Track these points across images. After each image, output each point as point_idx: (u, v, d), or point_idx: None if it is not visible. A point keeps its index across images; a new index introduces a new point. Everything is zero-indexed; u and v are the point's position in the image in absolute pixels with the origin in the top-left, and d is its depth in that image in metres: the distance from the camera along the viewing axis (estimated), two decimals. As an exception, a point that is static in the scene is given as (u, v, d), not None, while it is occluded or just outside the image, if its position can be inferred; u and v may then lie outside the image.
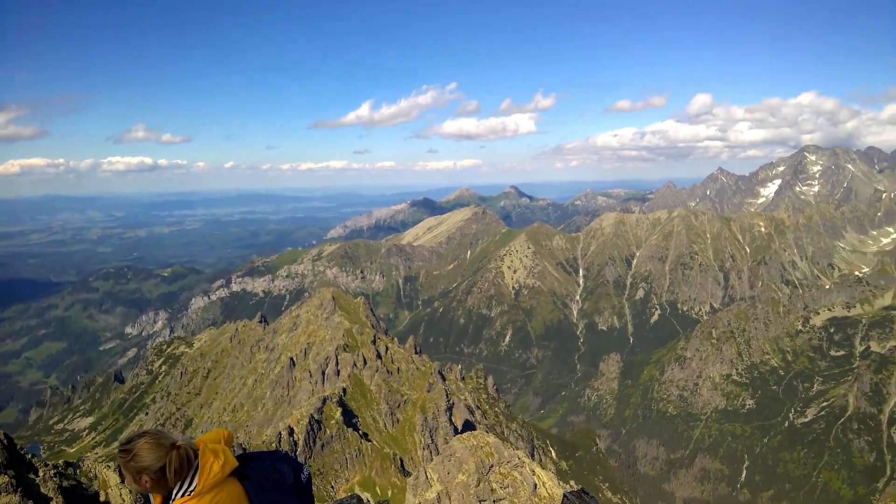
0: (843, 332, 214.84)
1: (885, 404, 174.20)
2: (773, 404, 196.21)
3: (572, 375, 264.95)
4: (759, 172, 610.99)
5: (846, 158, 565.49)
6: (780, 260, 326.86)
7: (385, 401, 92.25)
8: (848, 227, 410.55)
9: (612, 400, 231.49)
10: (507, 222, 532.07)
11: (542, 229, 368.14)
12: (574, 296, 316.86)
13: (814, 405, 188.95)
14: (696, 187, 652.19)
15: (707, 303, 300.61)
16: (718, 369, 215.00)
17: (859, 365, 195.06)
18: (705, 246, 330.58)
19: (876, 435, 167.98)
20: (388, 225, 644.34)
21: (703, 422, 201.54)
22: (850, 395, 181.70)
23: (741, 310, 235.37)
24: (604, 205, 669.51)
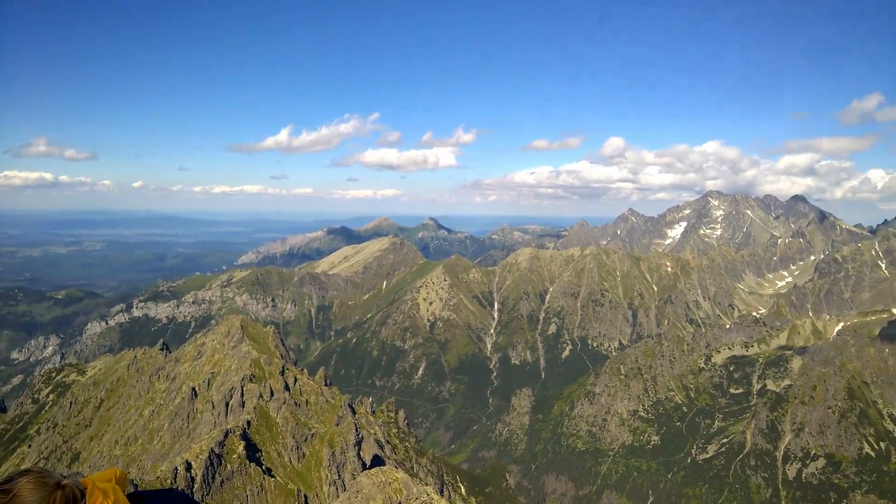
0: (742, 371, 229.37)
1: (780, 441, 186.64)
2: (677, 440, 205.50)
3: (485, 410, 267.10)
4: (667, 215, 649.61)
5: (746, 205, 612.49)
6: (685, 299, 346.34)
7: (291, 434, 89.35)
8: (747, 270, 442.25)
9: (523, 435, 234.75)
10: (426, 254, 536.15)
11: (459, 262, 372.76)
12: (489, 329, 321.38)
13: (715, 441, 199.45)
14: (608, 226, 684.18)
15: (616, 339, 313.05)
16: (626, 405, 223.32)
17: (756, 403, 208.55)
18: (615, 283, 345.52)
19: (772, 471, 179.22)
20: (303, 252, 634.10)
21: (610, 457, 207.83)
22: (747, 432, 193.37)
23: (648, 347, 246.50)
24: (520, 240, 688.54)
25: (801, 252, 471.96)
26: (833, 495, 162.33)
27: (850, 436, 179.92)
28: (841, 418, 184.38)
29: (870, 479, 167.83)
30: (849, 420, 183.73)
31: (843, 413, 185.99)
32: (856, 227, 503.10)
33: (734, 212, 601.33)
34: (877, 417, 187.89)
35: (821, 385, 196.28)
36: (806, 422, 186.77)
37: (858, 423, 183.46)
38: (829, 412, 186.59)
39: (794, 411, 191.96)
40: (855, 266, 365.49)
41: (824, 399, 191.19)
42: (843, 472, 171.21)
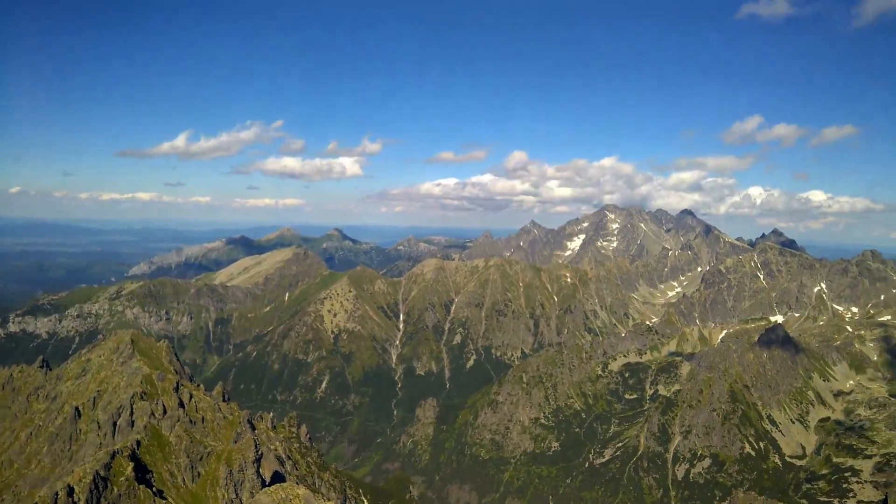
0: (636, 377, 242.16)
1: (671, 443, 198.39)
2: (576, 446, 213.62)
3: (389, 422, 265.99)
4: (567, 227, 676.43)
5: (640, 218, 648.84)
6: (584, 309, 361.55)
7: (186, 453, 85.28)
8: (641, 280, 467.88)
9: (427, 446, 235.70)
10: (330, 265, 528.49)
11: (364, 273, 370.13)
12: (394, 340, 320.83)
13: (611, 446, 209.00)
14: (511, 238, 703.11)
15: (519, 348, 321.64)
16: (528, 413, 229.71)
17: (649, 407, 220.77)
18: (518, 294, 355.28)
19: (663, 472, 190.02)
20: (199, 263, 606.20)
21: (513, 465, 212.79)
22: (641, 436, 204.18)
23: (549, 355, 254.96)
24: (426, 251, 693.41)
25: (689, 263, 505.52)
26: (718, 493, 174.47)
27: (732, 436, 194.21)
28: (724, 420, 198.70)
29: (750, 476, 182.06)
30: (731, 422, 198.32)
31: (726, 415, 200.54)
32: (737, 241, 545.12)
33: (629, 225, 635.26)
34: (756, 418, 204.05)
35: (706, 389, 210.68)
36: (693, 424, 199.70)
37: (740, 424, 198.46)
38: (714, 414, 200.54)
39: (682, 414, 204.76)
40: (736, 277, 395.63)
41: (710, 402, 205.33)
42: (726, 470, 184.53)
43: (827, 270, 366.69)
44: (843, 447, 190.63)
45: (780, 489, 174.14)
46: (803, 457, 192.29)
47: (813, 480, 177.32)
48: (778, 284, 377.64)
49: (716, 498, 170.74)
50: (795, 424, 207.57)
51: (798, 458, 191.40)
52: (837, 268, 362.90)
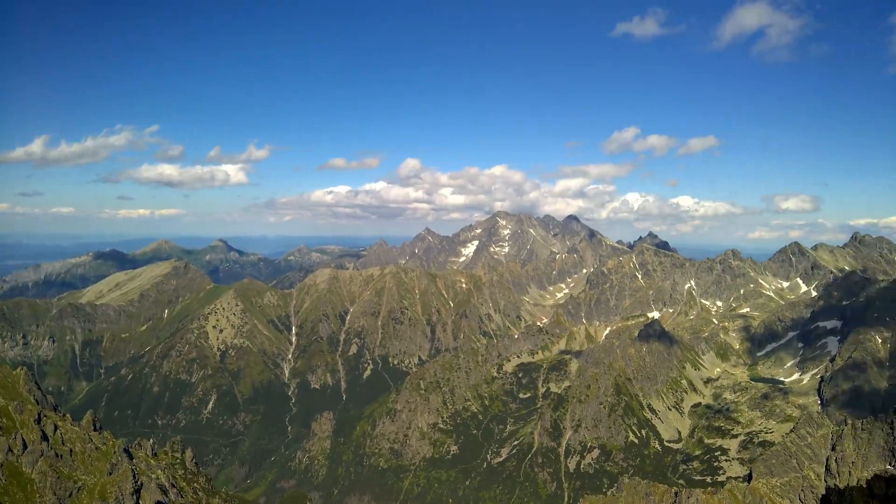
0: (529, 376, 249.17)
1: (563, 438, 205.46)
2: (474, 448, 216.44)
3: (283, 439, 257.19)
4: (461, 234, 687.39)
5: (529, 224, 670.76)
6: (479, 313, 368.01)
7: (52, 490, 77.89)
8: (531, 284, 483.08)
9: (324, 460, 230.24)
10: (214, 278, 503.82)
11: (252, 285, 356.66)
12: (286, 354, 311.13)
13: (507, 445, 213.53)
14: (405, 245, 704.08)
15: (416, 355, 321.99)
16: (426, 419, 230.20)
17: (542, 405, 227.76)
18: (414, 301, 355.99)
19: (556, 466, 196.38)
20: (63, 280, 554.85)
21: (412, 472, 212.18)
22: (535, 433, 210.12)
23: (446, 360, 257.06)
24: (318, 261, 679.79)
25: (575, 266, 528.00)
26: (606, 481, 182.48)
27: (618, 427, 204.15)
28: (610, 412, 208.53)
29: (634, 463, 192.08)
30: (616, 413, 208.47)
31: (612, 407, 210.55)
32: (617, 244, 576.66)
33: (519, 230, 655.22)
34: (638, 408, 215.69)
35: (594, 384, 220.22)
36: (583, 418, 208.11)
37: (624, 414, 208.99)
38: (601, 407, 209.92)
39: (573, 409, 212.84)
40: (618, 277, 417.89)
41: (597, 396, 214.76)
42: (613, 459, 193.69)
43: (695, 269, 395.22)
44: (713, 429, 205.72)
45: (661, 472, 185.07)
46: (679, 440, 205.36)
47: (688, 461, 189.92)
48: (654, 283, 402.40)
49: (604, 486, 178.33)
50: (672, 411, 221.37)
51: (675, 443, 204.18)
52: (704, 266, 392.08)
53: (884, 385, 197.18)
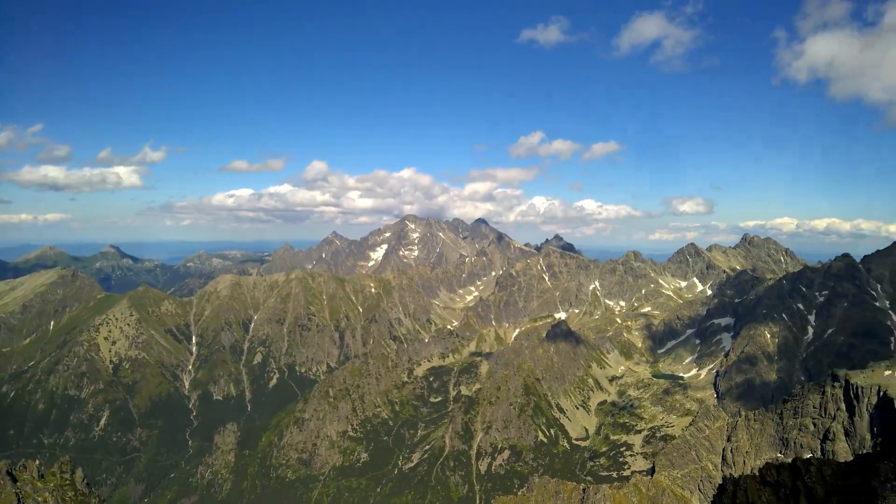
0: (440, 380, 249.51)
1: (473, 440, 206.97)
2: (385, 454, 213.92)
3: (183, 454, 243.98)
4: (369, 237, 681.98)
5: (438, 228, 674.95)
6: (388, 317, 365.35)
7: None
8: (441, 287, 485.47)
9: (228, 474, 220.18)
10: (106, 286, 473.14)
11: (148, 294, 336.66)
12: (186, 366, 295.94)
13: (419, 450, 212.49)
14: (312, 250, 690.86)
15: (324, 362, 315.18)
16: (336, 427, 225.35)
17: (453, 408, 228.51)
18: (322, 307, 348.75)
19: (467, 469, 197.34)
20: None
21: (321, 482, 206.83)
22: (446, 436, 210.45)
23: (355, 367, 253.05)
24: (220, 267, 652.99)
25: (484, 269, 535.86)
26: (517, 481, 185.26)
27: (527, 427, 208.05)
28: (520, 412, 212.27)
29: (544, 462, 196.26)
30: (526, 413, 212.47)
31: (521, 408, 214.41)
32: (525, 246, 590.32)
33: (429, 234, 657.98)
34: (547, 408, 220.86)
35: (504, 385, 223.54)
36: (493, 419, 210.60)
37: (534, 414, 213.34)
38: (511, 408, 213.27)
39: (483, 411, 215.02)
40: (526, 279, 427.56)
41: (507, 397, 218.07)
42: (523, 459, 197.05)
43: (599, 270, 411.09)
44: (619, 426, 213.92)
45: (570, 470, 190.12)
46: (587, 438, 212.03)
47: (595, 458, 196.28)
48: (560, 284, 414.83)
49: (515, 486, 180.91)
50: (579, 410, 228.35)
51: (583, 440, 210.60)
52: (607, 268, 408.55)
53: (773, 377, 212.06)
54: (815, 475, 26.02)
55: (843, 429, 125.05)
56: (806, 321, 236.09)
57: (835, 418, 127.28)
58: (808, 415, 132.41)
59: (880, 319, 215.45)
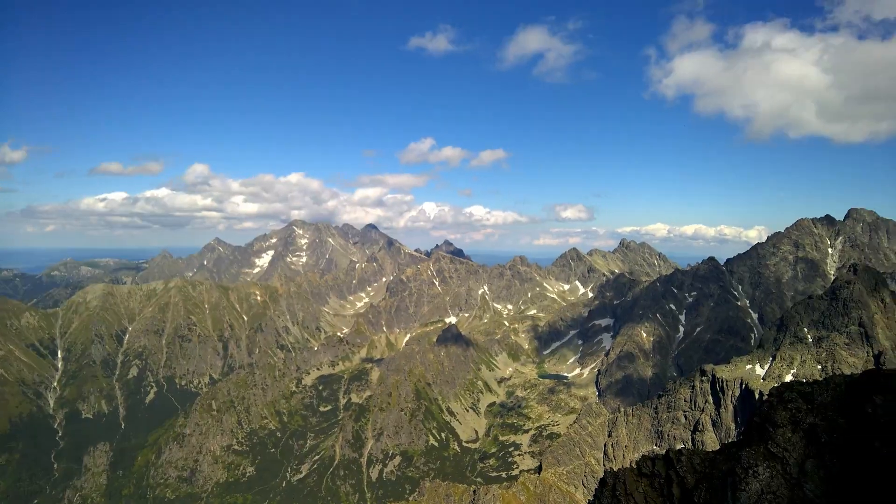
0: (330, 388, 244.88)
1: (364, 448, 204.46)
2: (273, 467, 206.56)
3: (48, 478, 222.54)
4: (255, 244, 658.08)
5: (328, 233, 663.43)
6: (275, 326, 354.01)
7: None
8: (331, 294, 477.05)
9: (99, 497, 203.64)
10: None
11: (6, 306, 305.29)
12: (51, 382, 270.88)
13: (308, 460, 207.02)
14: (192, 257, 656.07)
15: (207, 374, 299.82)
16: (219, 441, 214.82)
17: (343, 416, 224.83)
18: (204, 316, 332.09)
19: (358, 477, 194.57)
20: None
21: (204, 499, 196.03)
22: (336, 445, 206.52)
23: (240, 378, 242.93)
24: (89, 275, 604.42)
25: (375, 275, 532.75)
26: (408, 487, 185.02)
27: (419, 432, 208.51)
28: (411, 417, 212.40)
29: (435, 466, 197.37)
30: (417, 418, 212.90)
31: (412, 413, 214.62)
32: (416, 252, 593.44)
33: (317, 240, 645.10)
34: (438, 412, 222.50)
35: (395, 391, 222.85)
36: (384, 426, 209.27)
37: (425, 419, 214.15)
38: (402, 414, 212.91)
39: (374, 418, 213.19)
40: (416, 285, 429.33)
41: (398, 403, 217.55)
42: (414, 464, 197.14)
43: (488, 275, 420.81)
44: (507, 426, 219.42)
45: (460, 472, 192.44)
46: (477, 440, 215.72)
47: (485, 459, 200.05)
48: (451, 289, 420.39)
49: (406, 492, 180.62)
50: (470, 412, 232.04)
51: (473, 442, 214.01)
52: (495, 272, 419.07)
53: (649, 374, 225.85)
54: (686, 464, 27.47)
55: (710, 420, 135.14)
56: (677, 320, 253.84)
57: (703, 410, 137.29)
58: (680, 408, 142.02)
59: (741, 317, 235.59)
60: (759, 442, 24.38)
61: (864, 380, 23.00)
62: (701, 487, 25.82)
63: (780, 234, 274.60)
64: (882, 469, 20.17)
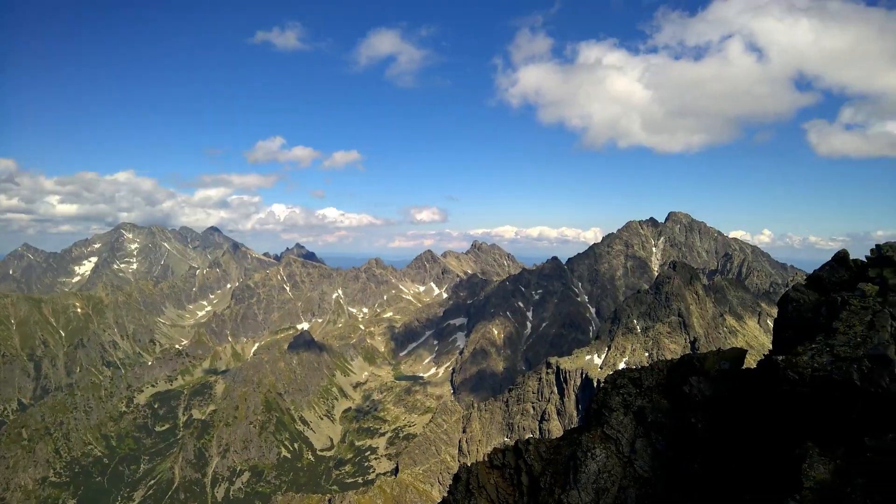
0: (168, 406, 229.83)
1: (208, 467, 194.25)
2: (99, 497, 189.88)
3: None
4: (74, 249, 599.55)
5: (163, 237, 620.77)
6: (101, 341, 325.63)
7: None
8: (167, 303, 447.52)
9: None
10: None
11: None
12: None
13: (142, 486, 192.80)
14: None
15: (15, 399, 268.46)
16: (32, 474, 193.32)
17: (183, 435, 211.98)
18: (10, 333, 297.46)
19: (201, 499, 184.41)
20: None
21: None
22: (176, 467, 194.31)
23: (57, 401, 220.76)
24: None
25: (218, 281, 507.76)
26: (258, 503, 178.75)
27: (269, 444, 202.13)
28: (261, 430, 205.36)
29: (288, 478, 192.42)
30: (268, 430, 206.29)
31: (262, 425, 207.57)
32: (264, 256, 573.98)
33: (151, 244, 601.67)
34: (290, 422, 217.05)
35: (242, 404, 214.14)
36: (231, 441, 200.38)
37: (276, 430, 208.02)
38: (251, 427, 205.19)
39: (219, 434, 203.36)
40: (265, 290, 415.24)
41: (246, 416, 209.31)
42: (265, 478, 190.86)
43: (342, 278, 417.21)
44: (363, 431, 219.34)
45: (315, 482, 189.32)
46: (332, 448, 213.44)
47: (341, 466, 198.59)
48: (302, 294, 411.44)
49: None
50: (324, 420, 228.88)
51: (328, 450, 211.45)
52: (350, 275, 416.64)
53: (501, 368, 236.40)
54: (533, 453, 29.46)
55: (555, 409, 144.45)
56: (525, 316, 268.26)
57: (549, 400, 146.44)
58: (529, 400, 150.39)
59: (581, 312, 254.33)
60: (596, 426, 26.81)
61: (681, 364, 26.16)
62: (547, 473, 27.83)
63: (612, 234, 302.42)
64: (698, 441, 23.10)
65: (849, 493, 14.29)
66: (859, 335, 17.14)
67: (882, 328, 17.02)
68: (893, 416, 15.30)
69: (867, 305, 18.06)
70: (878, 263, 20.32)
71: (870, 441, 14.86)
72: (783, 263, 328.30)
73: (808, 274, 24.04)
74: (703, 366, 24.76)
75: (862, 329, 17.29)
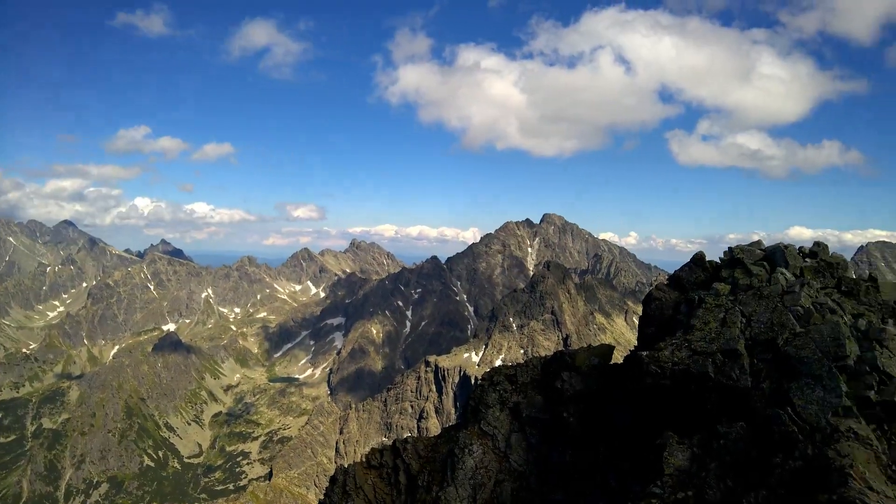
0: (14, 415, 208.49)
1: (62, 479, 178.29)
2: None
3: None
4: None
5: (9, 231, 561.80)
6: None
7: None
8: (13, 303, 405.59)
9: None
10: None
11: None
12: None
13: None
14: None
15: None
16: None
17: (32, 445, 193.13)
18: None
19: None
20: None
21: None
22: (24, 480, 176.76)
23: None
24: None
25: (72, 279, 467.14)
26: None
27: (130, 453, 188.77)
28: (121, 438, 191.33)
29: (152, 488, 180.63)
30: (129, 438, 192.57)
31: (123, 433, 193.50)
32: (125, 252, 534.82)
33: None
34: (154, 429, 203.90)
35: (100, 411, 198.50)
36: (87, 451, 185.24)
37: (138, 438, 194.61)
38: (109, 436, 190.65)
39: (73, 444, 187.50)
40: (127, 289, 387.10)
41: (104, 424, 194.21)
42: (126, 490, 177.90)
43: (212, 277, 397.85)
44: (235, 435, 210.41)
45: (181, 491, 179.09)
46: (201, 454, 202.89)
47: (210, 473, 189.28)
48: (169, 293, 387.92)
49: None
50: (192, 425, 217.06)
51: (196, 457, 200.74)
52: (221, 274, 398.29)
53: (380, 367, 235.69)
54: (411, 452, 29.34)
55: (434, 407, 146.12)
56: (405, 315, 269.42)
57: (427, 399, 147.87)
58: (407, 399, 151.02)
59: (460, 311, 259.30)
60: (473, 423, 27.16)
61: (554, 360, 27.14)
62: (425, 471, 27.80)
63: (491, 235, 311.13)
64: (570, 434, 23.99)
65: (704, 477, 15.34)
66: (713, 331, 18.48)
67: (733, 325, 18.44)
68: (743, 405, 16.60)
69: (720, 304, 19.54)
70: (730, 265, 22.14)
71: (722, 429, 16.00)
72: (648, 264, 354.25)
73: (669, 274, 25.73)
74: (574, 362, 25.78)
75: (716, 325, 18.65)
